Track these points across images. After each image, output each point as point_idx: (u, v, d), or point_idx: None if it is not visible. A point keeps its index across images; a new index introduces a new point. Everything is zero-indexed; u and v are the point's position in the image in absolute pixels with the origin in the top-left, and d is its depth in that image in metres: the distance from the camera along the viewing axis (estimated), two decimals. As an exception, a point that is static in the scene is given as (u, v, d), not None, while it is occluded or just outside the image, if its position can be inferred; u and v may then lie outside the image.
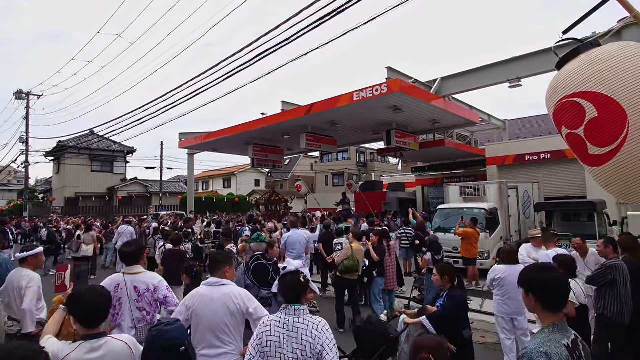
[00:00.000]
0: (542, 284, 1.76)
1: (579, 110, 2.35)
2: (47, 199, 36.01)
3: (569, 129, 2.46)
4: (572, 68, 2.50)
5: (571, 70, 2.51)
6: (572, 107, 2.40)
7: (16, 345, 1.24)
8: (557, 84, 2.54)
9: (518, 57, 10.71)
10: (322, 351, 2.02)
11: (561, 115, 2.49)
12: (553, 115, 2.60)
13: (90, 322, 1.99)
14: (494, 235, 9.81)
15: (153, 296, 3.21)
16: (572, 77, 2.43)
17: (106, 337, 1.99)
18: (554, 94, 2.53)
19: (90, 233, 10.58)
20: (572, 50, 2.57)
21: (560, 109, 2.49)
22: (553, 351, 1.57)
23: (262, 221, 11.55)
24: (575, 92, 2.38)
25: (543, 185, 14.32)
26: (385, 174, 31.88)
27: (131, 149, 33.57)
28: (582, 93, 2.34)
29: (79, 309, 1.98)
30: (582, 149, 2.43)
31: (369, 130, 14.61)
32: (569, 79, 2.45)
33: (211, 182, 46.06)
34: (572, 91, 2.41)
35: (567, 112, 2.43)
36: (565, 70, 2.53)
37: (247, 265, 4.23)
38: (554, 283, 1.75)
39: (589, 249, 5.14)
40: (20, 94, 25.12)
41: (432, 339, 1.69)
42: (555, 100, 2.52)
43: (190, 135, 18.58)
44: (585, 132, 2.34)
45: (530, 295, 1.78)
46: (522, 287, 1.87)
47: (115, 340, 1.99)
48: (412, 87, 10.90)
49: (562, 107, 2.47)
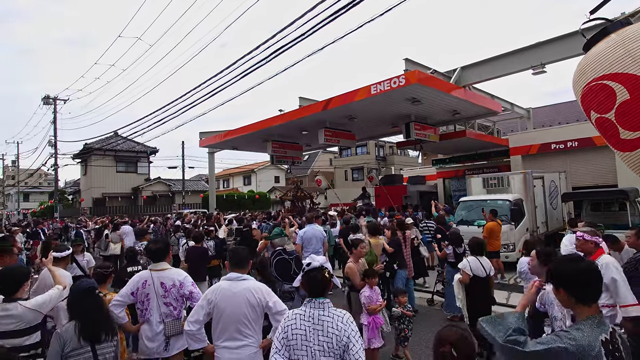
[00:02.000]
0: (570, 277, 1.69)
1: (609, 93, 2.23)
2: (76, 200, 37.36)
3: (598, 113, 2.34)
4: (601, 49, 2.37)
5: (600, 51, 2.38)
6: (601, 90, 2.28)
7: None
8: (584, 67, 2.41)
9: (542, 43, 10.34)
10: (348, 343, 2.03)
11: (590, 99, 2.37)
12: (581, 100, 2.48)
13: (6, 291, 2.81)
14: (519, 227, 9.56)
15: (179, 292, 3.29)
16: (601, 59, 2.30)
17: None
18: (582, 77, 2.41)
19: (117, 232, 10.90)
20: (601, 31, 2.43)
21: (588, 93, 2.37)
22: (586, 344, 1.52)
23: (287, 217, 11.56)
24: (605, 74, 2.25)
25: (570, 175, 13.85)
26: (405, 167, 31.52)
27: (154, 149, 34.36)
28: (613, 75, 2.21)
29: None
30: (613, 133, 2.31)
31: (387, 124, 14.46)
32: (598, 61, 2.32)
33: (232, 180, 46.66)
34: (601, 73, 2.28)
35: (596, 95, 2.31)
36: (594, 52, 2.40)
37: (269, 260, 4.26)
38: (582, 274, 1.68)
39: (624, 245, 4.92)
40: (48, 98, 26.01)
41: (456, 331, 1.63)
42: (583, 84, 2.39)
43: (210, 134, 18.84)
44: (616, 115, 2.22)
45: (561, 290, 1.71)
46: (550, 283, 1.80)
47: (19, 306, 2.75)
48: (431, 77, 10.69)
49: (590, 91, 2.35)
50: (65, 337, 2.49)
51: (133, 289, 3.26)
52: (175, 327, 3.25)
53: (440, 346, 1.57)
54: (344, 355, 2.04)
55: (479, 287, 4.49)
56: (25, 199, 47.75)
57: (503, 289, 7.83)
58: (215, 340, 2.75)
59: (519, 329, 1.66)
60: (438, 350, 1.58)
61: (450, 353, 1.54)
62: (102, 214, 25.94)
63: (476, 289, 4.49)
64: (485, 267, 4.64)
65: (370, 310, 4.28)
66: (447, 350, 1.54)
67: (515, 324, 1.68)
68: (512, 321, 1.70)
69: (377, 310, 4.30)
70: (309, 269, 2.22)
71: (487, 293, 4.66)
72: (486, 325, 1.74)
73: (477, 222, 9.70)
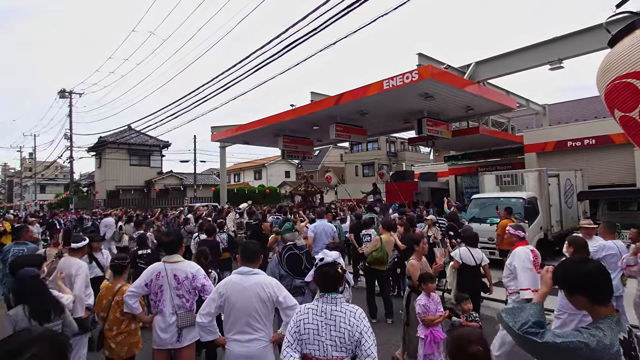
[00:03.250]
0: (585, 280, 1.65)
1: (633, 92, 2.15)
2: (90, 192, 37.98)
3: (622, 111, 2.27)
4: (626, 45, 2.28)
5: (624, 48, 2.29)
6: (625, 89, 2.20)
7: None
8: (608, 64, 2.33)
9: (560, 37, 10.09)
10: (360, 338, 2.04)
11: (614, 97, 2.30)
12: (605, 97, 2.41)
13: None
14: (533, 225, 9.42)
15: (191, 284, 3.32)
16: (626, 56, 2.22)
17: None
18: (606, 75, 2.33)
19: (131, 224, 11.06)
20: (627, 26, 2.34)
21: (612, 90, 2.29)
22: (608, 343, 1.49)
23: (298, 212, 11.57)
24: (629, 73, 2.17)
25: (587, 173, 13.56)
26: (417, 163, 31.27)
27: (166, 143, 34.75)
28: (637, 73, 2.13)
29: None
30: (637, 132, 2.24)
31: (399, 119, 14.34)
32: (623, 58, 2.24)
33: (242, 174, 46.94)
34: (625, 71, 2.20)
35: (620, 93, 2.23)
36: (618, 49, 2.31)
37: (280, 255, 4.27)
38: (590, 276, 1.64)
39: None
40: (64, 92, 26.42)
41: (473, 330, 1.61)
42: (607, 81, 2.31)
43: (221, 128, 18.95)
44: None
45: (577, 295, 1.66)
46: (563, 290, 1.74)
47: None
48: (444, 73, 10.54)
49: (614, 88, 2.27)
50: (16, 318, 2.76)
51: (147, 281, 3.30)
52: (188, 318, 3.29)
53: (468, 347, 1.51)
54: (355, 350, 2.05)
55: (467, 273, 5.17)
56: (42, 191, 48.77)
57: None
58: (226, 333, 2.78)
59: (539, 322, 1.63)
60: (466, 351, 1.52)
61: (482, 352, 1.50)
62: (115, 206, 26.36)
63: (465, 275, 5.17)
64: (475, 257, 5.22)
65: (427, 321, 3.69)
66: (477, 350, 1.50)
67: (535, 316, 1.65)
68: (532, 312, 1.68)
69: (436, 321, 3.68)
70: (322, 264, 2.21)
71: (474, 279, 5.25)
72: (505, 315, 1.73)
73: (489, 219, 9.59)
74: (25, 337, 1.24)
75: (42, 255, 4.04)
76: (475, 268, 5.24)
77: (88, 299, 3.79)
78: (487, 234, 9.29)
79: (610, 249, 4.54)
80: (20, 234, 5.52)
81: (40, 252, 5.01)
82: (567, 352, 1.51)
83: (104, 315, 3.43)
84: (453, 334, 1.62)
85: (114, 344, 3.38)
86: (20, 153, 43.99)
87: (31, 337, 1.24)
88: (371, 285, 6.28)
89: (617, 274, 4.42)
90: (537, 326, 1.62)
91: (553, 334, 1.57)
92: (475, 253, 5.31)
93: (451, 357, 1.57)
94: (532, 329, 1.60)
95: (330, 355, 2.05)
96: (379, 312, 6.15)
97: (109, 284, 3.56)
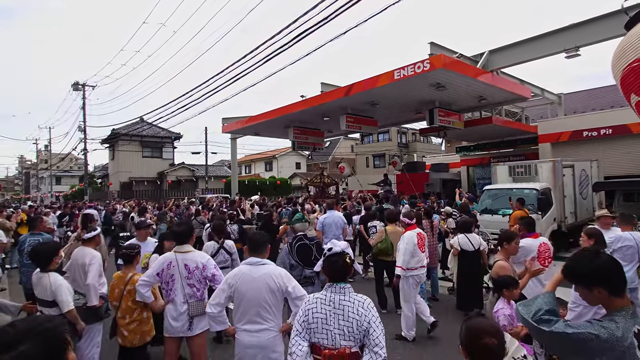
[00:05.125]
0: (598, 275, 1.61)
1: None
2: (104, 184, 38.68)
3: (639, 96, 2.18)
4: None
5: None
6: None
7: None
8: (626, 47, 2.24)
9: (576, 24, 9.81)
10: (368, 328, 2.05)
11: (631, 80, 2.21)
12: (620, 82, 2.32)
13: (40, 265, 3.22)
14: (546, 217, 9.27)
15: (202, 274, 3.36)
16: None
17: None
18: (622, 58, 2.25)
19: (144, 215, 11.24)
20: None
21: (629, 74, 2.21)
22: (620, 335, 1.46)
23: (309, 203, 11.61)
24: None
25: (603, 163, 13.26)
26: (428, 154, 30.98)
27: (178, 134, 35.04)
28: None
29: None
30: None
31: (410, 110, 14.17)
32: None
33: (253, 166, 47.18)
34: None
35: (638, 76, 2.15)
36: (637, 31, 2.23)
37: (290, 245, 4.29)
38: (603, 269, 1.61)
39: None
40: (77, 85, 26.79)
41: (487, 321, 1.57)
42: (624, 65, 2.23)
43: (232, 120, 19.01)
44: None
45: (595, 289, 1.62)
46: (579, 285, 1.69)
47: None
48: (457, 62, 10.35)
49: (631, 72, 2.19)
50: None
51: (158, 270, 3.35)
52: (199, 307, 3.34)
53: (481, 338, 1.48)
54: (364, 339, 2.05)
55: (467, 258, 5.63)
56: (57, 182, 49.79)
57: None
58: (236, 322, 2.80)
59: (552, 309, 1.62)
60: (479, 342, 1.49)
61: (496, 344, 1.48)
62: (129, 197, 26.80)
63: (465, 260, 5.64)
64: (473, 243, 5.65)
65: (515, 335, 2.98)
66: (492, 342, 1.47)
67: (547, 305, 1.65)
68: (545, 301, 1.69)
69: (523, 334, 2.98)
70: (330, 254, 2.21)
71: (474, 263, 5.66)
72: (521, 307, 1.75)
73: (502, 211, 9.47)
74: (16, 331, 1.08)
75: (58, 243, 4.15)
76: (474, 253, 5.65)
77: (102, 288, 3.87)
78: (500, 225, 9.16)
79: (627, 240, 4.43)
80: (35, 224, 5.65)
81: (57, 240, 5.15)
82: (577, 343, 1.50)
83: (117, 304, 3.51)
84: (468, 324, 1.57)
85: (126, 332, 3.46)
86: (36, 145, 44.93)
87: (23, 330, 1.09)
88: (380, 276, 6.28)
89: (633, 266, 4.33)
90: (550, 314, 1.62)
91: (565, 324, 1.56)
92: (473, 239, 5.71)
93: (464, 347, 1.55)
94: (546, 317, 1.61)
95: (339, 344, 2.06)
96: (389, 302, 6.16)
97: (121, 273, 3.63)
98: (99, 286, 3.78)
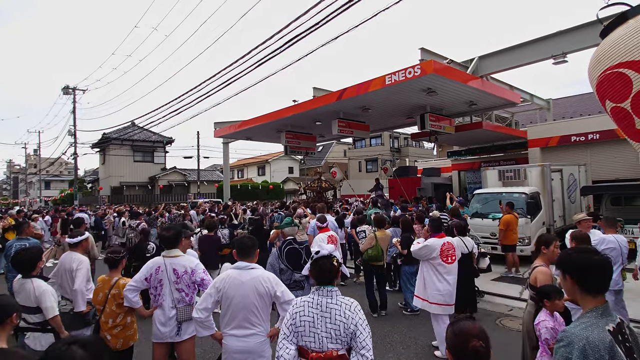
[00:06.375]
0: (580, 266, 1.68)
1: (626, 82, 2.12)
2: (95, 188, 38.26)
3: (613, 102, 2.24)
4: (618, 35, 2.26)
5: (617, 38, 2.27)
6: (617, 79, 2.17)
7: None
8: (600, 54, 2.31)
9: (564, 31, 9.99)
10: (355, 331, 2.06)
11: (605, 87, 2.27)
12: (596, 88, 2.38)
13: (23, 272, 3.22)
14: (535, 220, 9.38)
15: (191, 278, 3.35)
16: (618, 46, 2.19)
17: None
18: (597, 65, 2.30)
19: (134, 221, 11.13)
20: (618, 17, 2.31)
21: (604, 81, 2.27)
22: (595, 336, 1.48)
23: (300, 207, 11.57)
24: (622, 62, 2.14)
25: (591, 168, 13.48)
26: (420, 159, 31.17)
27: (170, 139, 34.81)
28: (629, 62, 2.09)
29: None
30: (628, 123, 2.21)
31: (402, 115, 14.28)
32: (615, 48, 2.21)
33: (246, 170, 47.03)
34: (617, 61, 2.17)
35: (611, 84, 2.20)
36: (611, 39, 2.28)
37: (280, 249, 4.29)
38: (593, 265, 1.66)
39: None
40: (67, 89, 26.52)
41: (474, 324, 1.56)
42: (599, 72, 2.29)
43: (224, 124, 18.95)
44: (632, 105, 2.11)
45: (568, 277, 1.71)
46: (559, 269, 1.80)
47: None
48: (447, 67, 10.47)
49: (606, 79, 2.24)
50: None
51: (147, 275, 3.33)
52: (187, 312, 3.32)
53: (469, 341, 1.48)
54: (350, 342, 2.06)
55: (461, 260, 5.45)
56: (46, 187, 49.16)
57: (517, 283, 7.74)
58: (223, 327, 2.78)
59: None
60: (466, 345, 1.48)
61: (483, 347, 1.48)
62: (120, 202, 26.52)
63: (459, 262, 5.39)
64: (467, 245, 5.70)
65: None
66: (478, 345, 1.47)
67: None
68: None
69: None
70: (318, 256, 2.23)
71: (468, 265, 5.68)
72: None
73: (491, 214, 9.57)
74: (74, 348, 1.20)
75: (39, 247, 4.08)
76: (467, 255, 5.72)
77: (90, 294, 3.82)
78: (490, 229, 9.28)
79: (610, 242, 4.54)
80: (22, 229, 5.58)
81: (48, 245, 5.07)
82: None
83: (101, 307, 3.46)
84: (454, 327, 1.57)
85: (109, 336, 3.40)
86: (25, 149, 44.29)
87: (80, 344, 1.21)
88: (370, 281, 6.30)
89: (616, 268, 4.42)
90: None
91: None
92: (467, 242, 5.79)
93: (450, 351, 1.54)
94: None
95: (326, 347, 2.07)
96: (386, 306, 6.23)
97: (105, 277, 3.58)
98: (86, 292, 3.74)
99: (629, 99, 2.13)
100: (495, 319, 5.82)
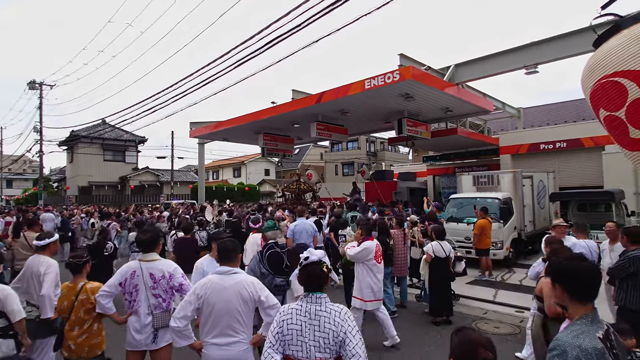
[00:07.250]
0: (569, 274, 1.69)
1: (621, 91, 2.18)
2: (61, 188, 36.63)
3: (607, 111, 2.30)
4: (613, 45, 2.32)
5: (611, 47, 2.34)
6: (612, 88, 2.24)
7: None
8: (595, 64, 2.37)
9: (535, 43, 10.38)
10: (345, 338, 2.00)
11: (599, 96, 2.33)
12: (590, 97, 2.45)
13: None
14: (507, 225, 9.67)
15: (168, 283, 3.22)
16: (613, 55, 2.25)
17: None
18: (592, 74, 2.37)
19: (105, 221, 10.70)
20: (612, 27, 2.38)
21: (598, 90, 2.33)
22: (587, 344, 1.49)
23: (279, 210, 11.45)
24: (617, 71, 2.21)
25: (558, 175, 14.05)
26: (396, 163, 31.62)
27: (142, 138, 33.81)
28: (625, 72, 2.16)
29: None
30: (622, 132, 2.27)
31: (380, 119, 14.43)
32: (609, 58, 2.28)
33: (221, 172, 46.30)
34: (612, 70, 2.24)
35: (606, 92, 2.27)
36: (605, 48, 2.35)
37: (261, 253, 4.21)
38: (582, 273, 1.68)
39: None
40: (34, 84, 25.30)
41: (480, 335, 1.54)
42: (593, 81, 2.35)
43: (200, 124, 18.58)
44: (627, 114, 2.18)
45: (557, 285, 1.73)
46: (549, 277, 1.83)
47: None
48: (425, 74, 10.67)
49: (600, 88, 2.31)
50: None
51: (121, 280, 3.17)
52: (164, 319, 3.18)
53: (478, 351, 1.46)
54: (340, 350, 2.01)
55: (438, 265, 5.86)
56: (8, 186, 46.59)
57: (491, 286, 7.93)
58: (204, 336, 2.66)
59: None
60: (475, 355, 1.46)
61: (492, 358, 1.46)
62: (88, 202, 25.49)
63: (437, 266, 5.86)
64: (445, 250, 5.89)
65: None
66: (488, 355, 1.45)
67: None
68: None
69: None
70: (307, 262, 2.17)
71: (445, 269, 5.92)
72: None
73: (466, 219, 9.78)
74: None
75: None
76: (445, 260, 5.93)
77: (57, 300, 3.62)
78: (464, 234, 9.47)
79: (582, 247, 4.71)
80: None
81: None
82: None
83: (66, 316, 3.24)
84: (462, 336, 1.54)
85: (74, 345, 3.17)
86: (-15, 146, 41.80)
87: None
88: (348, 284, 6.27)
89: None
90: None
91: None
92: (445, 246, 5.99)
93: (457, 359, 1.52)
94: None
95: (313, 357, 2.00)
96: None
97: (70, 284, 3.34)
98: (55, 297, 3.52)
99: (624, 108, 2.19)
100: (471, 322, 5.92)
